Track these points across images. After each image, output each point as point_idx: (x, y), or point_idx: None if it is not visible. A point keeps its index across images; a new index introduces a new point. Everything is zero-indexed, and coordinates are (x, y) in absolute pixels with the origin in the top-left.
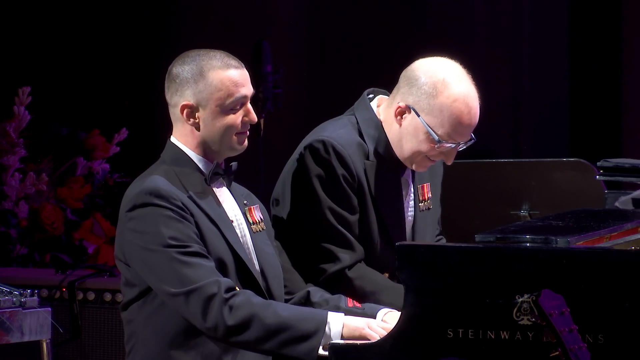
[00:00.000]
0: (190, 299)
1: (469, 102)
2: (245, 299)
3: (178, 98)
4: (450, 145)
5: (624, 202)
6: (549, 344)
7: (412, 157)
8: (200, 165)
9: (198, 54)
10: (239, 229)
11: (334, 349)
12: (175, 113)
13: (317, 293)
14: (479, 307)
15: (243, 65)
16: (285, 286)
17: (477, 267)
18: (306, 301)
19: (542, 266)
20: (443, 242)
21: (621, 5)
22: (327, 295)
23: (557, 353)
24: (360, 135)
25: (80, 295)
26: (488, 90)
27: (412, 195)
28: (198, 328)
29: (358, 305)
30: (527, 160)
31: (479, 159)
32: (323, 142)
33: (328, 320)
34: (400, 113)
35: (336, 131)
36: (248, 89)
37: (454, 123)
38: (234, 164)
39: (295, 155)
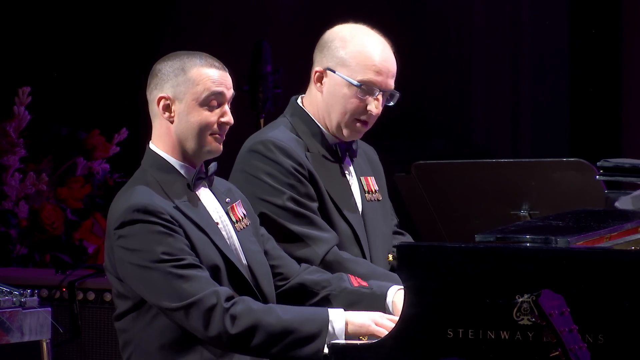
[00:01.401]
0: (190, 312)
1: (378, 44)
2: (246, 306)
3: (157, 92)
4: (372, 90)
5: (624, 202)
6: (549, 344)
7: (341, 121)
8: (182, 172)
9: (183, 53)
10: (225, 230)
11: (334, 348)
12: (152, 109)
13: (315, 273)
14: (479, 307)
15: (226, 69)
16: (280, 273)
17: (477, 267)
18: (304, 282)
19: (542, 266)
20: (407, 237)
21: (621, 5)
22: (327, 274)
23: (557, 353)
24: (296, 134)
25: (80, 295)
26: (488, 90)
27: (357, 184)
28: (201, 339)
29: (364, 284)
30: (527, 160)
31: (479, 159)
32: (262, 142)
33: (330, 319)
34: (319, 79)
35: (272, 131)
36: (226, 89)
37: (366, 64)
38: (212, 165)
39: (238, 166)
